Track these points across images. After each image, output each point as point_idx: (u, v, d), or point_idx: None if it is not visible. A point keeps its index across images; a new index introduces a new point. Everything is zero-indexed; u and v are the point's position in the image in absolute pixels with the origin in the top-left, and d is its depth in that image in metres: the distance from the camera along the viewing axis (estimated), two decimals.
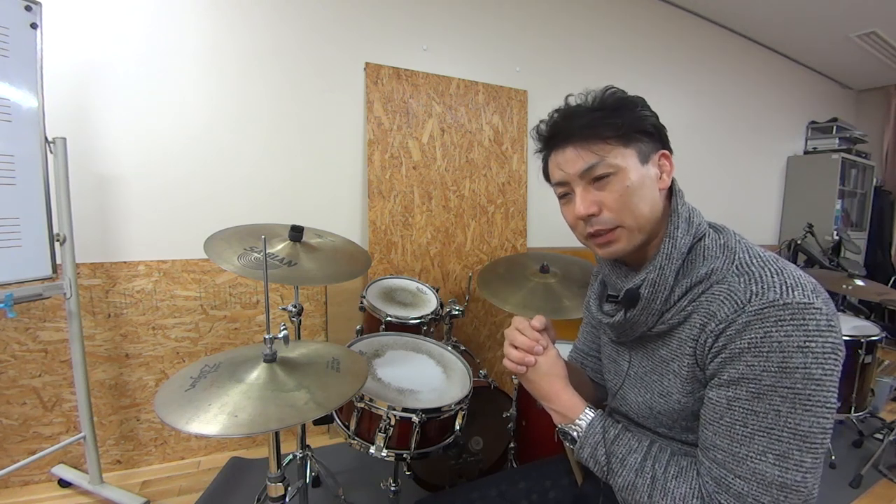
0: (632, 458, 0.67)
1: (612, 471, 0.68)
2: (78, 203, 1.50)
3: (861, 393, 2.04)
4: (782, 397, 0.55)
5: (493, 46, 2.40)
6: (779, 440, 0.56)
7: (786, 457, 0.56)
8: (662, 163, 0.71)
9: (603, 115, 0.67)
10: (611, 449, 0.68)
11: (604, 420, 0.72)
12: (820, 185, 3.84)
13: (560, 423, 0.75)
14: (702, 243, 0.67)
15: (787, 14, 3.10)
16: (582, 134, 0.68)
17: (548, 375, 0.75)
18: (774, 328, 0.56)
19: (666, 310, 0.67)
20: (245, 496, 1.62)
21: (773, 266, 0.61)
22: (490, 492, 0.91)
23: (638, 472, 0.66)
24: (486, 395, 1.54)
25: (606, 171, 0.67)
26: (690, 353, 0.65)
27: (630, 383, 0.78)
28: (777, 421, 0.56)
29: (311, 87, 1.98)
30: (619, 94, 0.70)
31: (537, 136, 0.75)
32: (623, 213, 0.67)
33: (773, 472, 0.56)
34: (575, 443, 0.72)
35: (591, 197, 0.68)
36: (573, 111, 0.71)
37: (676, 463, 0.66)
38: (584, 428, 0.71)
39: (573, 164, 0.69)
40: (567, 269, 1.65)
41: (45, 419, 1.66)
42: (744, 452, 0.58)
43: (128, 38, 1.66)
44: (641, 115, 0.69)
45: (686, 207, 0.70)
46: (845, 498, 1.79)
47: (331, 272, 1.35)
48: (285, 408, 0.77)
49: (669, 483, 0.63)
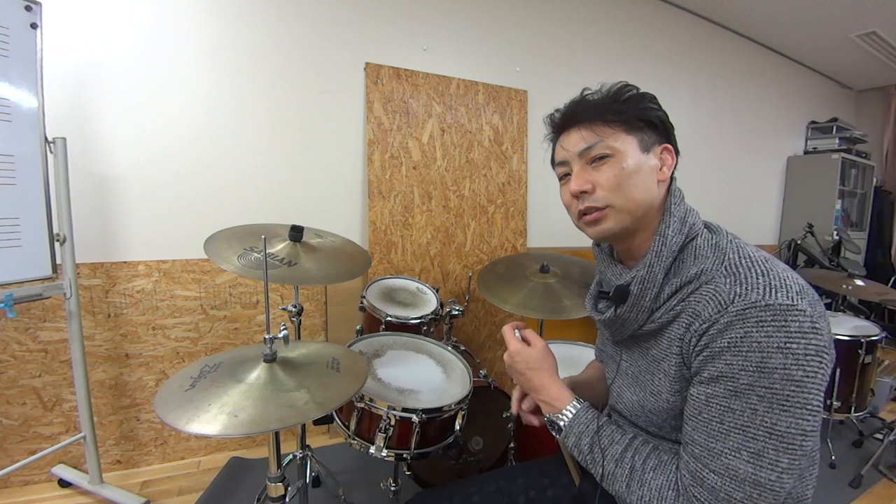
0: (613, 448, 0.69)
1: (594, 460, 0.70)
2: (78, 203, 1.50)
3: (861, 393, 2.05)
4: (759, 396, 0.56)
5: (493, 46, 2.40)
6: (754, 438, 0.56)
7: (760, 455, 0.56)
8: (664, 156, 0.72)
9: (612, 102, 0.70)
10: (594, 439, 0.71)
11: (589, 412, 0.74)
12: (820, 185, 3.84)
13: (548, 413, 0.78)
14: (694, 243, 0.67)
15: (787, 14, 3.10)
16: (588, 116, 0.71)
17: (536, 369, 0.80)
18: (755, 328, 0.56)
19: (656, 308, 0.68)
20: (245, 496, 1.62)
21: (760, 267, 0.61)
22: (488, 487, 0.91)
23: (618, 462, 0.68)
24: (486, 395, 1.54)
25: (604, 152, 0.69)
26: (677, 353, 0.65)
27: (625, 382, 0.78)
28: (753, 419, 0.56)
29: (310, 87, 1.98)
30: (630, 88, 0.72)
31: (550, 123, 0.78)
32: (615, 193, 0.68)
33: (747, 469, 0.57)
34: (560, 432, 0.76)
35: (587, 176, 0.70)
36: (585, 99, 0.73)
37: (657, 456, 0.67)
38: (570, 418, 0.75)
39: (575, 143, 0.71)
40: (567, 269, 1.65)
41: (45, 419, 1.66)
42: (719, 448, 0.59)
43: (128, 39, 1.66)
44: (648, 107, 0.71)
45: (681, 208, 0.71)
46: (845, 498, 1.79)
47: (331, 272, 1.35)
48: (285, 408, 0.77)
49: (647, 474, 0.65)
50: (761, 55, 3.66)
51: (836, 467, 1.97)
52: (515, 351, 0.82)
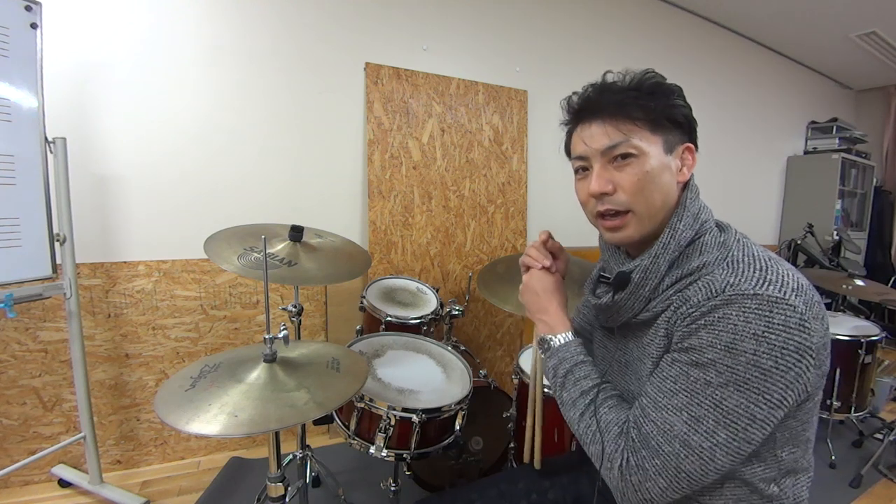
0: (585, 382, 0.73)
1: (565, 386, 0.74)
2: (78, 203, 1.50)
3: (861, 393, 2.05)
4: (718, 372, 0.57)
5: (493, 46, 2.40)
6: (698, 405, 0.58)
7: (699, 420, 0.58)
8: (685, 156, 0.70)
9: (637, 96, 0.67)
10: (572, 368, 0.75)
11: (579, 346, 0.78)
12: (820, 185, 3.84)
13: (544, 332, 0.81)
14: (702, 239, 0.67)
15: (787, 14, 3.10)
16: (612, 110, 0.67)
17: (550, 292, 0.83)
18: (735, 313, 0.57)
19: (653, 298, 0.68)
20: (245, 496, 1.62)
21: (760, 263, 0.61)
22: (490, 492, 0.91)
23: (584, 393, 0.72)
24: (486, 395, 1.54)
25: (628, 151, 0.66)
26: (664, 335, 0.66)
27: (618, 369, 0.78)
28: (704, 389, 0.58)
29: (310, 87, 1.98)
30: (657, 79, 0.69)
31: (567, 108, 0.74)
32: (637, 197, 0.67)
33: (682, 429, 0.59)
34: (548, 351, 0.79)
35: (608, 175, 0.68)
36: (608, 86, 0.70)
37: (617, 400, 0.71)
38: (562, 343, 0.78)
39: (598, 139, 0.68)
40: (567, 269, 1.65)
41: (45, 419, 1.66)
42: (664, 403, 0.61)
43: (128, 39, 1.66)
44: (675, 104, 0.68)
45: (696, 204, 0.69)
46: (845, 498, 1.79)
47: (331, 272, 1.35)
48: (285, 408, 0.77)
49: (602, 409, 0.69)
50: (761, 55, 3.66)
51: (836, 467, 1.97)
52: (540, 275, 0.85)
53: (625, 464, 0.62)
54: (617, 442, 0.64)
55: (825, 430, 2.08)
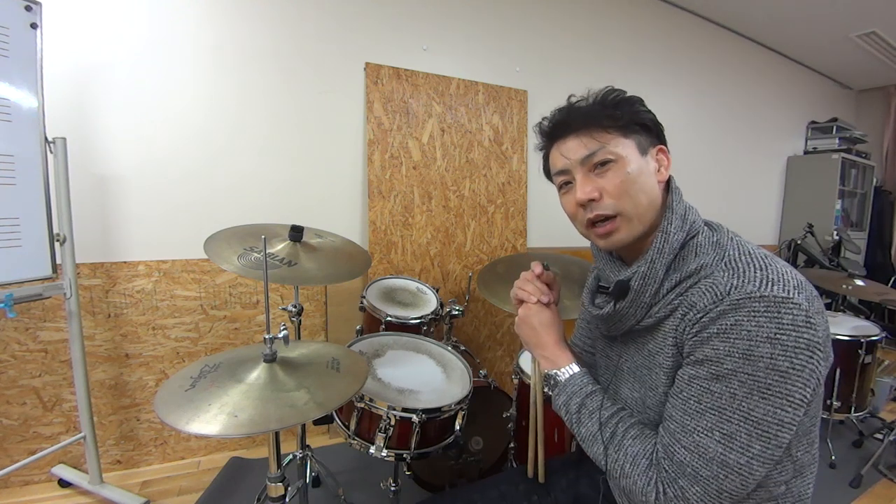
0: (600, 413, 0.71)
1: (581, 421, 0.73)
2: (78, 203, 1.50)
3: (861, 393, 2.04)
4: (741, 382, 0.57)
5: (493, 46, 2.40)
6: (728, 421, 0.57)
7: (732, 437, 0.57)
8: (660, 157, 0.73)
9: (603, 108, 0.70)
10: (584, 401, 0.73)
11: (585, 376, 0.77)
12: (820, 185, 3.84)
13: (548, 368, 0.80)
14: (695, 240, 0.68)
15: (787, 14, 3.10)
16: (583, 123, 0.70)
17: (547, 326, 0.82)
18: (746, 318, 0.57)
19: (654, 303, 0.68)
20: (245, 496, 1.62)
21: (760, 262, 0.62)
22: (491, 493, 0.91)
23: (602, 425, 0.70)
24: (486, 395, 1.54)
25: (607, 158, 0.68)
26: (672, 344, 0.66)
27: (623, 378, 0.78)
28: (731, 403, 0.57)
29: (310, 87, 1.98)
30: (618, 93, 0.72)
31: (539, 132, 0.78)
32: (623, 199, 0.68)
33: (717, 449, 0.58)
34: (556, 388, 0.78)
35: (592, 183, 0.69)
36: (574, 107, 0.73)
37: (640, 429, 0.69)
38: (568, 377, 0.77)
39: (575, 150, 0.70)
40: (567, 269, 1.65)
41: (45, 419, 1.66)
42: (692, 425, 0.60)
43: (127, 39, 1.66)
44: (640, 110, 0.71)
45: (682, 205, 0.71)
46: (845, 498, 1.79)
47: (331, 272, 1.35)
48: (285, 408, 0.77)
49: (626, 441, 0.67)
50: (761, 55, 3.66)
51: (836, 467, 1.97)
52: (537, 309, 0.84)
53: (662, 496, 0.61)
54: (648, 474, 0.63)
55: (825, 430, 2.08)
